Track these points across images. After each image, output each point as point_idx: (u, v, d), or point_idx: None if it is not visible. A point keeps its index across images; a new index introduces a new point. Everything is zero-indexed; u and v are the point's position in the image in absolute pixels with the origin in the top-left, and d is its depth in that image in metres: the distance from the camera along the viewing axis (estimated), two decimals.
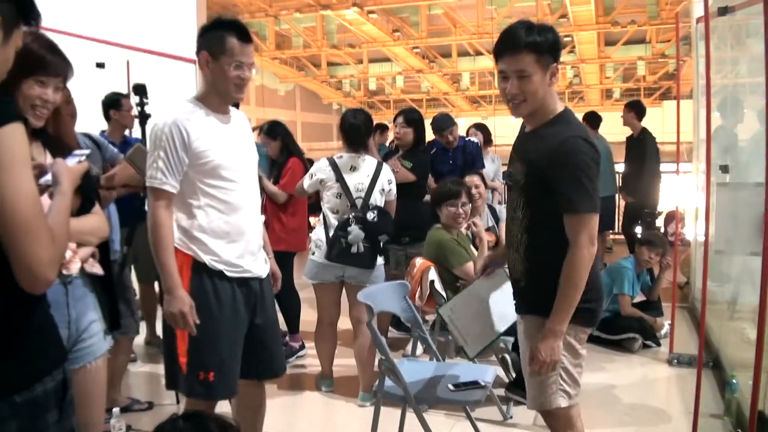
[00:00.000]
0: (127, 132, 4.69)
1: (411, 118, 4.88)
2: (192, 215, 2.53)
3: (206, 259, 2.53)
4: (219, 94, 2.57)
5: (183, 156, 2.47)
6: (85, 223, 2.03)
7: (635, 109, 7.09)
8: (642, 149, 6.92)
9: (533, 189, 2.32)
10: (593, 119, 7.25)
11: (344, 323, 4.30)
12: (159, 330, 4.94)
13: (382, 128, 7.44)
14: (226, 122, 2.62)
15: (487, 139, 6.79)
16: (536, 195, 2.31)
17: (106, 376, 2.36)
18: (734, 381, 3.73)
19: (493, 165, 6.91)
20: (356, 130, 4.02)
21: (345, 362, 4.45)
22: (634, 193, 7.01)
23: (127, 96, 4.54)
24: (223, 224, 2.55)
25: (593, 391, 4.32)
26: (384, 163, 4.19)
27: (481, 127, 6.83)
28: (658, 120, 7.82)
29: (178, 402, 3.80)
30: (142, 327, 4.62)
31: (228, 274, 2.56)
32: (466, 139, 5.94)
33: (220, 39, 2.49)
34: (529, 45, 2.20)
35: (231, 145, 2.59)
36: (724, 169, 4.88)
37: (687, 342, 5.01)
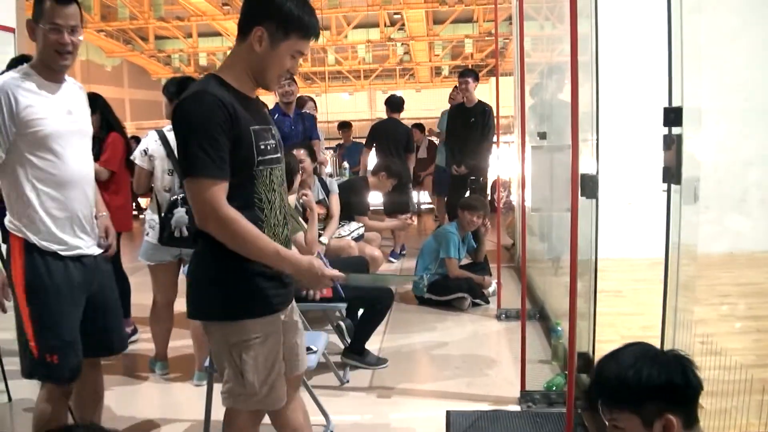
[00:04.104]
0: None
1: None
2: (20, 191, 2.40)
3: (36, 239, 2.42)
4: (43, 61, 2.42)
5: (10, 124, 2.32)
6: None
7: (477, 79, 7.01)
8: (484, 118, 6.87)
9: None
10: None
11: (180, 305, 4.20)
12: None
13: None
14: (56, 91, 2.47)
15: None
16: None
17: None
18: (558, 328, 4.03)
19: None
20: None
21: (180, 343, 4.35)
22: (468, 163, 6.98)
23: None
24: (52, 200, 2.43)
25: (425, 349, 4.52)
26: None
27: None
28: (486, 95, 8.15)
29: (9, 400, 3.62)
30: None
31: (61, 253, 2.46)
32: (303, 111, 6.19)
33: (39, 1, 2.36)
34: None
35: (62, 116, 2.46)
36: (542, 135, 5.23)
37: (514, 298, 5.29)
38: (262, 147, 2.07)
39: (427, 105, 17.39)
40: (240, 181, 2.03)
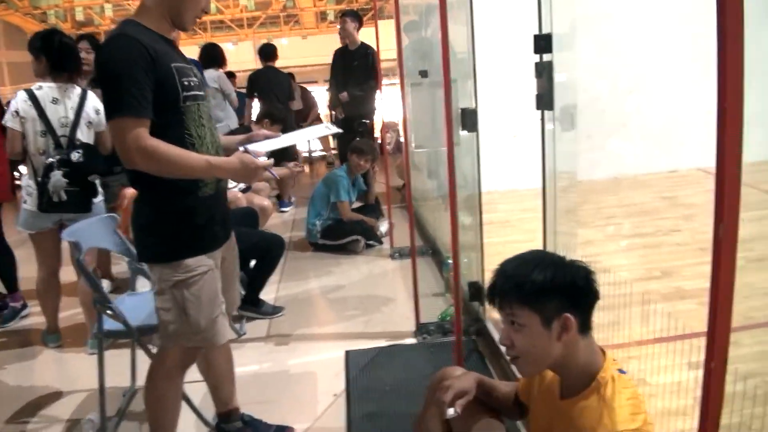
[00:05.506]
0: None
1: (95, 43, 4.58)
2: None
3: None
4: None
5: None
6: None
7: (359, 20, 6.81)
8: (366, 61, 6.68)
9: None
10: None
11: (68, 274, 4.07)
12: None
13: None
14: None
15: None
16: None
17: None
18: (449, 261, 4.12)
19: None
20: (70, 53, 3.68)
21: (71, 313, 4.24)
22: (351, 105, 6.91)
23: None
24: None
25: (322, 294, 4.57)
26: (89, 91, 3.85)
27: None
28: (372, 39, 8.04)
29: None
30: None
31: None
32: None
33: None
34: None
35: None
36: (423, 73, 5.26)
37: (406, 237, 5.36)
38: (186, 83, 2.11)
39: (314, 51, 17.11)
40: (168, 119, 2.07)
